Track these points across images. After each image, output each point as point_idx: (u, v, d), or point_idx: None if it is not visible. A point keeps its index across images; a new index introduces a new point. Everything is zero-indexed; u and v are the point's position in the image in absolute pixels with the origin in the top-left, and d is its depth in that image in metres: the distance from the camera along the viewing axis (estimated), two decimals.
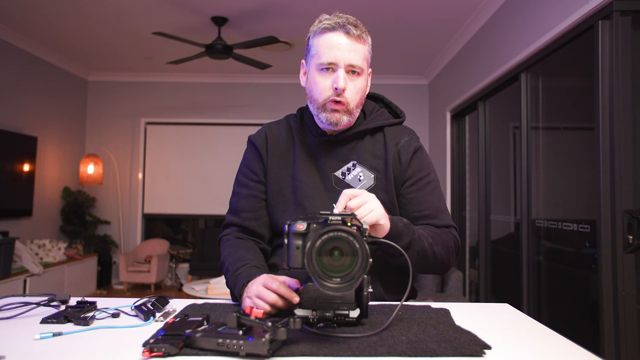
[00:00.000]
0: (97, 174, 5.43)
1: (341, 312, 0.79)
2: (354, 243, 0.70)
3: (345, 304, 0.79)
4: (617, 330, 2.07)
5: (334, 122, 1.07)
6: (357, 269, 0.70)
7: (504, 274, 3.52)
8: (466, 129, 4.51)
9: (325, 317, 0.79)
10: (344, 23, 1.04)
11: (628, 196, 2.07)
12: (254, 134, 1.23)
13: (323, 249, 0.71)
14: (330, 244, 0.71)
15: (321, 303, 0.80)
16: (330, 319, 0.79)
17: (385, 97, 1.26)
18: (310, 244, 0.70)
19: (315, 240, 0.70)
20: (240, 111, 5.95)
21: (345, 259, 0.71)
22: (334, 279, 0.70)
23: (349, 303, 0.79)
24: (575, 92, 2.86)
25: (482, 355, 0.67)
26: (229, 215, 1.20)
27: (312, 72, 1.09)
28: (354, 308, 0.80)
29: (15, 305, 0.94)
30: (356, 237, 0.70)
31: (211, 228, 6.17)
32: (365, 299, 0.80)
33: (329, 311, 0.79)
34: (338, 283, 0.70)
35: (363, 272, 0.70)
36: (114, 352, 0.69)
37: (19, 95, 4.64)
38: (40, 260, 4.43)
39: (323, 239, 0.71)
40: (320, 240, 0.70)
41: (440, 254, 1.04)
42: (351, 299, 0.80)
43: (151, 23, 4.14)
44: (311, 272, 0.70)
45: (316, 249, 0.70)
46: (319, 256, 0.71)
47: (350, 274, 0.70)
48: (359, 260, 0.70)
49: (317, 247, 0.70)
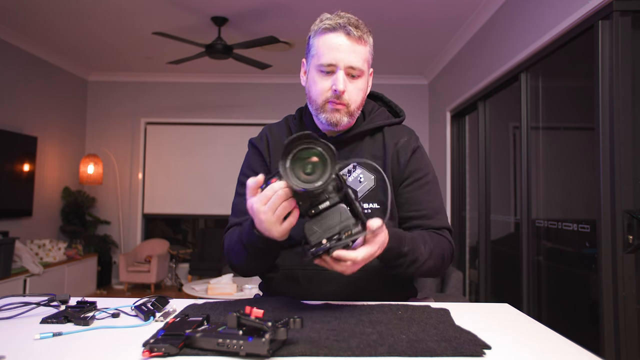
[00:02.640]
0: (97, 174, 5.43)
1: (346, 229, 0.83)
2: (318, 149, 0.80)
3: (345, 221, 0.84)
4: (617, 330, 2.07)
5: (334, 122, 1.06)
6: (329, 168, 0.80)
7: (504, 274, 3.53)
8: (466, 129, 4.51)
9: (336, 239, 0.83)
10: (345, 24, 1.03)
11: (628, 196, 2.07)
12: (255, 137, 1.22)
13: (296, 165, 0.80)
14: (302, 158, 0.81)
15: (325, 231, 0.84)
16: (340, 239, 0.83)
17: (384, 96, 1.25)
18: (282, 157, 0.80)
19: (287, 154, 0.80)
20: (240, 111, 5.95)
21: (317, 169, 0.81)
22: (306, 180, 0.80)
23: (348, 219, 0.84)
24: (575, 92, 2.86)
25: (482, 355, 0.67)
26: (232, 218, 1.17)
27: (311, 72, 1.08)
28: (355, 222, 0.84)
29: (15, 305, 0.93)
30: (318, 143, 0.80)
31: (211, 228, 6.17)
32: (358, 209, 0.84)
33: (335, 234, 0.84)
34: (314, 182, 0.80)
35: (333, 169, 0.79)
36: (114, 352, 0.69)
37: (19, 95, 4.64)
38: (40, 260, 4.43)
39: (293, 151, 0.80)
40: (291, 153, 0.80)
41: (434, 267, 1.04)
42: (348, 214, 0.84)
43: (151, 23, 4.14)
44: (287, 179, 0.80)
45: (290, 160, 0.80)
46: (294, 172, 0.80)
47: (323, 176, 0.80)
48: (329, 162, 0.79)
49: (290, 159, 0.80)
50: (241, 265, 1.05)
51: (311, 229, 0.84)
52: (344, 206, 0.84)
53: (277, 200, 0.83)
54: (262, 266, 1.07)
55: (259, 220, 0.86)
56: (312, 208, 0.84)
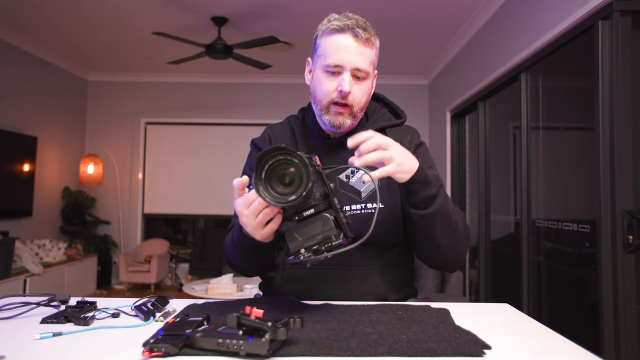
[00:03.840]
0: (97, 174, 5.43)
1: (327, 240, 0.83)
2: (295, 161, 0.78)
3: (327, 231, 0.83)
4: (617, 330, 2.07)
5: (338, 125, 1.07)
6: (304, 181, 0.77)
7: (504, 274, 3.53)
8: (466, 129, 4.51)
9: (314, 250, 0.83)
10: (353, 25, 1.03)
11: (628, 196, 2.07)
12: (257, 137, 1.22)
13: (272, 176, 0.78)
14: (278, 170, 0.78)
15: (306, 240, 0.83)
16: (319, 250, 0.83)
17: (385, 97, 1.25)
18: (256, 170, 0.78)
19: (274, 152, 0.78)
20: (241, 111, 5.95)
21: (294, 182, 0.79)
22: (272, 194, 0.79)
23: (329, 229, 0.83)
24: (575, 92, 2.86)
25: (482, 355, 0.67)
26: (234, 218, 1.15)
27: (317, 72, 1.08)
28: (336, 232, 0.83)
29: (15, 305, 0.93)
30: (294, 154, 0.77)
31: (211, 228, 6.17)
32: (342, 219, 0.84)
33: (315, 244, 0.83)
34: (273, 198, 0.78)
35: (309, 180, 0.77)
36: (114, 352, 0.69)
37: (19, 95, 4.64)
38: (40, 260, 4.43)
39: (269, 163, 0.78)
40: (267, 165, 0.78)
41: (461, 228, 1.01)
42: (330, 224, 0.83)
43: (151, 23, 4.14)
44: (261, 195, 0.78)
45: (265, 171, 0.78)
46: (270, 183, 0.78)
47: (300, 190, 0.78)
48: (302, 192, 0.77)
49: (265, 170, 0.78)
50: (238, 264, 1.06)
51: (292, 236, 0.83)
52: (328, 215, 0.83)
53: (258, 206, 0.83)
54: (258, 265, 1.08)
55: (242, 223, 0.87)
56: (297, 214, 0.84)
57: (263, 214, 0.84)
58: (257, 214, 0.84)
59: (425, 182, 0.93)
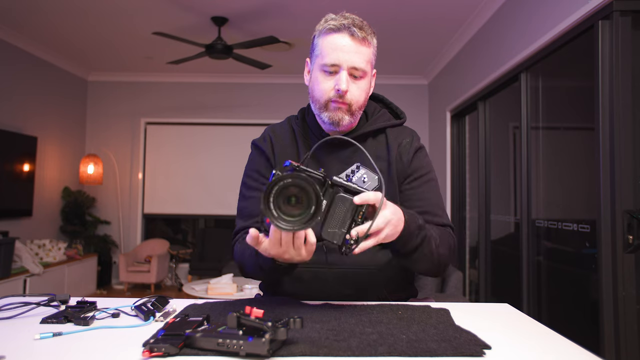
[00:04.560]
0: (97, 174, 5.43)
1: (358, 213, 0.85)
2: (307, 187, 0.78)
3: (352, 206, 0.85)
4: (617, 330, 2.07)
5: (336, 121, 1.07)
6: (313, 211, 0.78)
7: (504, 274, 3.52)
8: (466, 129, 4.51)
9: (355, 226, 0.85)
10: (350, 25, 1.04)
11: (628, 196, 2.07)
12: (257, 138, 1.22)
13: (280, 196, 0.78)
14: (285, 191, 0.78)
15: (342, 227, 0.85)
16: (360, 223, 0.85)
17: (385, 98, 1.26)
18: (267, 189, 0.77)
19: (272, 186, 0.78)
20: (240, 111, 5.95)
21: (301, 204, 0.79)
22: (289, 220, 0.78)
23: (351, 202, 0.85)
24: (575, 92, 2.86)
25: (482, 355, 0.67)
26: (240, 222, 1.16)
27: (315, 71, 1.09)
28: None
29: (15, 305, 0.93)
30: (308, 182, 0.78)
31: (211, 228, 6.17)
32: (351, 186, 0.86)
33: (352, 223, 0.85)
34: (292, 223, 0.78)
35: (317, 214, 0.78)
36: (114, 352, 0.69)
37: (19, 95, 4.64)
38: (40, 260, 4.43)
39: (279, 184, 0.78)
40: (277, 186, 0.78)
41: (444, 256, 1.04)
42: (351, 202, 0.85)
43: (151, 23, 4.14)
44: (266, 214, 0.77)
45: (273, 194, 0.78)
46: (277, 203, 0.78)
47: (306, 215, 0.78)
48: (313, 203, 0.78)
49: (274, 192, 0.78)
50: (257, 277, 1.08)
51: (328, 233, 0.85)
52: (341, 194, 0.85)
53: (288, 238, 0.84)
54: (279, 277, 1.09)
55: (282, 259, 0.88)
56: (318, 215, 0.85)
57: (297, 238, 0.84)
58: (292, 244, 0.85)
59: (409, 237, 0.95)
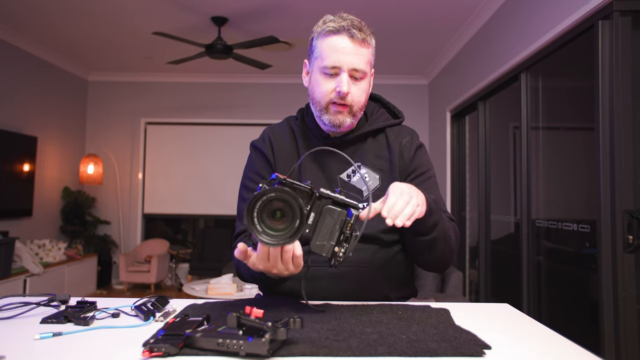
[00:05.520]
0: (97, 174, 5.43)
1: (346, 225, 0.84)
2: (291, 201, 0.76)
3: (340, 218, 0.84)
4: (617, 330, 2.07)
5: (337, 123, 1.08)
6: (297, 225, 0.77)
7: (504, 274, 3.52)
8: (466, 129, 4.51)
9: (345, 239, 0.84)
10: (349, 26, 1.04)
11: (628, 196, 2.07)
12: (256, 139, 1.21)
13: (264, 210, 0.77)
14: (269, 205, 0.77)
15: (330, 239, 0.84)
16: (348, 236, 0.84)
17: (382, 98, 1.26)
18: (249, 204, 0.76)
19: (255, 201, 0.77)
20: (240, 111, 5.95)
21: (285, 218, 0.78)
22: (273, 235, 0.77)
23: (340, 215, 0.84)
24: (575, 92, 2.86)
25: (482, 355, 0.67)
26: (239, 224, 1.16)
27: (315, 73, 1.09)
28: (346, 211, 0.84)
29: (15, 305, 0.93)
30: (292, 196, 0.76)
31: (211, 228, 6.17)
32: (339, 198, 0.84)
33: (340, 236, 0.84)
34: (277, 238, 0.77)
35: (303, 228, 0.77)
36: (114, 352, 0.69)
37: (19, 95, 4.64)
38: (40, 260, 4.43)
39: (263, 199, 0.77)
40: (260, 201, 0.77)
41: (454, 241, 1.05)
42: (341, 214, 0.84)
43: (151, 23, 4.14)
44: (251, 230, 0.77)
45: (257, 208, 0.77)
46: (261, 217, 0.77)
47: (290, 230, 0.77)
48: (297, 217, 0.76)
49: (257, 207, 0.77)
50: (253, 282, 1.08)
51: (317, 245, 0.84)
52: (328, 206, 0.84)
53: (275, 253, 0.84)
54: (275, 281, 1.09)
55: (270, 273, 0.88)
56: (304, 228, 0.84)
57: (285, 252, 0.84)
58: (279, 259, 0.84)
59: (429, 213, 0.95)
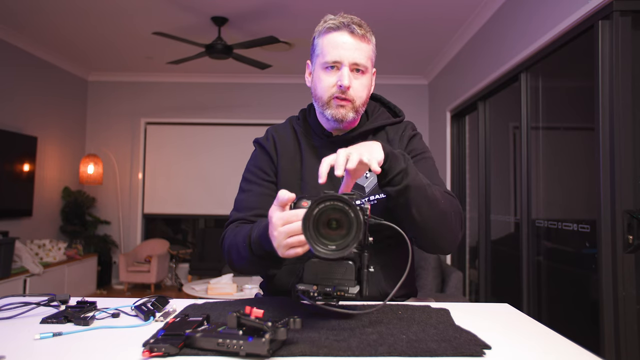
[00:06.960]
0: (97, 174, 5.43)
1: (341, 287, 0.81)
2: (349, 213, 0.74)
3: (345, 280, 0.81)
4: (617, 330, 2.07)
5: (340, 118, 1.08)
6: (352, 237, 0.74)
7: (504, 274, 3.52)
8: (466, 129, 4.51)
9: (326, 292, 0.81)
10: (349, 23, 1.06)
11: (628, 196, 2.07)
12: (260, 137, 1.22)
13: (321, 218, 0.75)
14: (327, 214, 0.75)
15: (322, 278, 0.82)
16: (330, 294, 0.81)
17: (383, 97, 1.28)
18: (308, 211, 0.75)
19: (313, 208, 0.75)
20: (240, 111, 5.95)
21: (342, 229, 0.76)
22: (329, 246, 0.75)
23: (348, 279, 0.81)
24: (575, 92, 2.86)
25: (482, 355, 0.67)
26: (235, 213, 1.14)
27: (317, 70, 1.11)
28: (353, 285, 0.82)
29: (15, 305, 0.93)
30: (351, 207, 0.74)
31: (211, 228, 6.17)
32: (364, 275, 0.82)
33: (329, 286, 0.81)
34: (332, 250, 0.75)
35: (356, 240, 0.74)
36: (114, 352, 0.69)
37: (19, 95, 4.64)
38: (40, 260, 4.43)
39: (320, 207, 0.75)
40: (317, 208, 0.75)
41: (449, 214, 0.99)
42: (351, 275, 0.81)
43: (151, 23, 4.14)
44: (307, 237, 0.74)
45: (313, 216, 0.75)
46: (317, 225, 0.75)
47: (345, 241, 0.75)
48: (353, 229, 0.74)
49: (314, 215, 0.75)
50: (240, 266, 1.04)
51: (310, 268, 0.82)
52: (353, 265, 0.81)
53: (295, 229, 0.80)
54: (260, 271, 1.07)
55: (271, 236, 0.85)
56: None
57: (296, 238, 0.80)
58: (290, 235, 0.81)
59: (393, 158, 0.93)
